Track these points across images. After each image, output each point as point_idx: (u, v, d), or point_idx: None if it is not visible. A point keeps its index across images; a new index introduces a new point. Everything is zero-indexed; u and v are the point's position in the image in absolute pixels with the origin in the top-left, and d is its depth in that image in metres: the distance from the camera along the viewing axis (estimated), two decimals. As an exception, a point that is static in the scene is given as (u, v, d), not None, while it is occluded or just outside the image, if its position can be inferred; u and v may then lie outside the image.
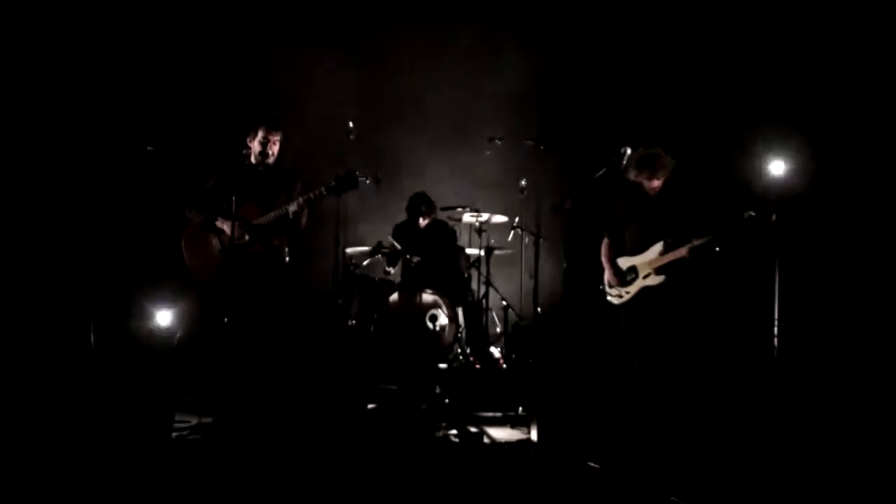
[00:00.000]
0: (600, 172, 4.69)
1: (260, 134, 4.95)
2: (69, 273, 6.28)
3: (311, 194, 4.85)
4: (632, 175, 4.96)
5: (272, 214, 4.86)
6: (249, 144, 4.97)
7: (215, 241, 4.94)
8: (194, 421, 4.73)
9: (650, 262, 4.93)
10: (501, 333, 6.53)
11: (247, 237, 4.84)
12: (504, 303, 6.47)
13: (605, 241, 5.22)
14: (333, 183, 4.85)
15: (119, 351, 5.75)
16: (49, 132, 6.30)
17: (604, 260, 5.19)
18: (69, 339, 5.96)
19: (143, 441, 4.24)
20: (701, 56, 6.60)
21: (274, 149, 4.96)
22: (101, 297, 6.17)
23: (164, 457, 4.14)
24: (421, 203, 6.50)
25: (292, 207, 4.81)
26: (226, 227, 4.85)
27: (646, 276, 4.94)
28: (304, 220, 4.97)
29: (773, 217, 4.59)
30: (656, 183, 4.98)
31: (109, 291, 6.24)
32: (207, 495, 3.57)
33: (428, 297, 6.01)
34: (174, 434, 4.47)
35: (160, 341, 5.56)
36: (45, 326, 5.99)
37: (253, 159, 4.96)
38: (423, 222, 6.54)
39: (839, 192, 5.92)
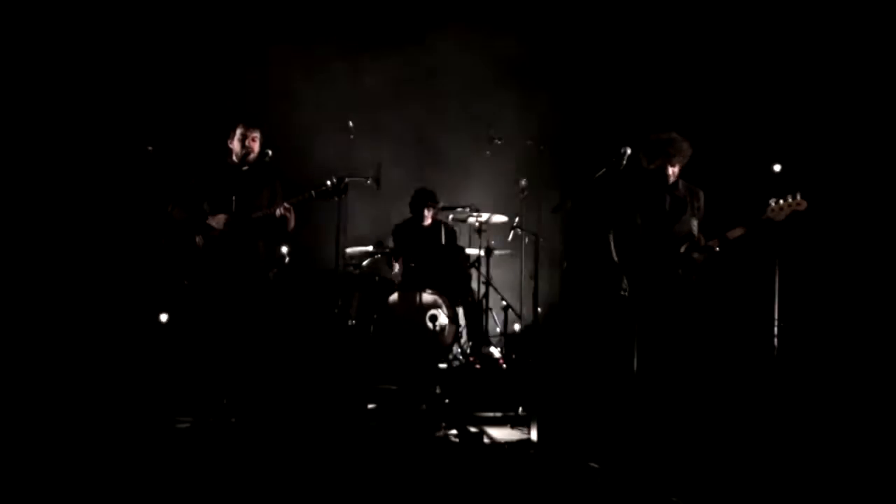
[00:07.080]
0: (600, 172, 4.67)
1: (238, 132, 4.93)
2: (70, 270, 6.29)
3: (300, 197, 4.83)
4: (648, 163, 4.76)
5: (259, 213, 4.85)
6: (230, 145, 4.95)
7: (198, 239, 4.92)
8: (193, 421, 4.73)
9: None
10: (501, 333, 6.53)
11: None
12: (504, 303, 6.47)
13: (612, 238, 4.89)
14: (323, 188, 4.85)
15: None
16: (50, 132, 6.31)
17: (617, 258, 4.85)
18: (66, 338, 6.00)
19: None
20: (701, 55, 6.60)
21: (254, 145, 4.94)
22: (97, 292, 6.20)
23: (164, 457, 4.14)
24: (425, 197, 6.50)
25: (278, 211, 4.79)
26: (213, 223, 4.84)
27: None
28: (291, 223, 4.94)
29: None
30: (672, 170, 4.77)
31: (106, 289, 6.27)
32: (207, 495, 3.56)
33: (428, 297, 6.01)
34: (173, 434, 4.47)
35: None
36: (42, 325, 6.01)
37: (235, 158, 4.94)
38: (428, 217, 6.53)
39: (838, 191, 5.91)
